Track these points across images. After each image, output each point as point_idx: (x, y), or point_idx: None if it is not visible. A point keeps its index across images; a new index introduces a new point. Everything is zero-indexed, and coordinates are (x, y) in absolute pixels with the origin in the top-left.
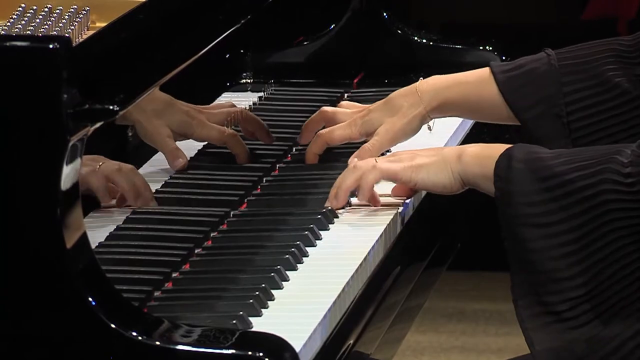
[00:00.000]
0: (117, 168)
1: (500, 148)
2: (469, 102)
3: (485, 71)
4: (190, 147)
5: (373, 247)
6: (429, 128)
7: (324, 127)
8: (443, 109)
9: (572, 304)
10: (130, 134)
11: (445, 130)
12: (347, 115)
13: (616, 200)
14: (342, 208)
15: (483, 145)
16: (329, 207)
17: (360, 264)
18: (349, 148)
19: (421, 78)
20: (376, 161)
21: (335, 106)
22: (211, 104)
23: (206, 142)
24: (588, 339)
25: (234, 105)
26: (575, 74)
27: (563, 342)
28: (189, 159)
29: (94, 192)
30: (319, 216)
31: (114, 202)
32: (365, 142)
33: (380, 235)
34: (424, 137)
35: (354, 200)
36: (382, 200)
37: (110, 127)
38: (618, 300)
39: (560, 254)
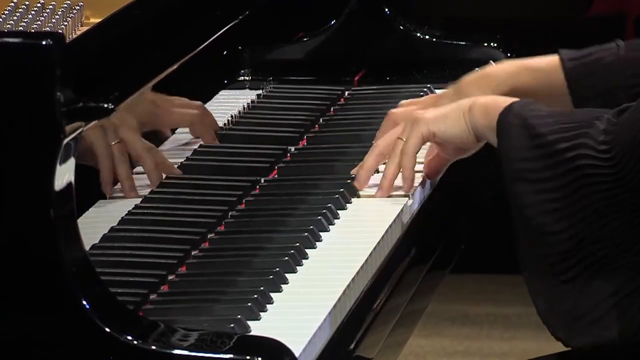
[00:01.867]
0: (148, 147)
1: (505, 101)
2: (538, 89)
3: (555, 58)
4: (188, 147)
5: (374, 249)
6: None
7: None
8: (512, 94)
9: (561, 257)
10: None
11: None
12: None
13: (591, 165)
14: (344, 208)
15: (491, 97)
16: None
17: (362, 266)
18: (350, 148)
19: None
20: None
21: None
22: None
23: (204, 142)
24: (575, 295)
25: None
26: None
27: (555, 294)
28: (185, 158)
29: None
30: (319, 217)
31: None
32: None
33: (382, 237)
34: None
35: (354, 199)
36: (383, 201)
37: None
38: (600, 257)
39: (549, 209)
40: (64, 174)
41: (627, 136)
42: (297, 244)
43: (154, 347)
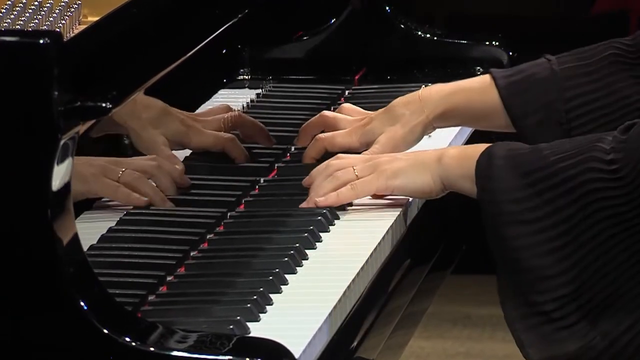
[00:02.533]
0: (155, 165)
1: (480, 148)
2: (473, 108)
3: (487, 77)
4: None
5: (375, 249)
6: (428, 135)
7: (322, 131)
8: (447, 116)
9: (559, 304)
10: (126, 142)
11: (446, 136)
12: (347, 122)
13: (601, 189)
14: (343, 209)
15: (464, 146)
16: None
17: (362, 267)
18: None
19: (424, 85)
20: (355, 171)
21: (336, 104)
22: (206, 110)
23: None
24: (579, 340)
25: (230, 108)
26: (577, 78)
27: (554, 343)
28: (184, 158)
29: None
30: (319, 217)
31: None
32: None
33: (383, 237)
34: (423, 143)
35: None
36: (384, 201)
37: (104, 136)
38: (606, 295)
39: (546, 250)
40: (62, 174)
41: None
42: (297, 245)
43: (152, 349)
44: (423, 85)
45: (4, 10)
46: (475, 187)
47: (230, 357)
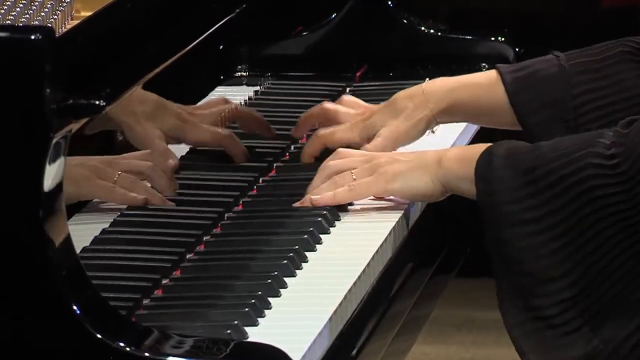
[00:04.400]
0: (150, 166)
1: (480, 148)
2: (479, 104)
3: (493, 72)
4: (182, 145)
5: (377, 251)
6: (432, 131)
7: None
8: (451, 111)
9: (561, 308)
10: (120, 138)
11: (450, 133)
12: (348, 116)
13: (602, 185)
14: (345, 210)
15: (464, 147)
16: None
17: (364, 270)
18: (351, 146)
19: (427, 79)
20: (353, 177)
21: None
22: (202, 103)
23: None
24: (582, 346)
25: (227, 101)
26: (586, 74)
27: (556, 350)
28: (180, 157)
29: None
30: (319, 219)
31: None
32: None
33: (385, 239)
34: (428, 140)
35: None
36: (385, 202)
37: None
38: (609, 299)
39: (547, 252)
40: (54, 174)
41: None
42: (297, 247)
43: (147, 354)
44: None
45: None
46: (474, 189)
47: None
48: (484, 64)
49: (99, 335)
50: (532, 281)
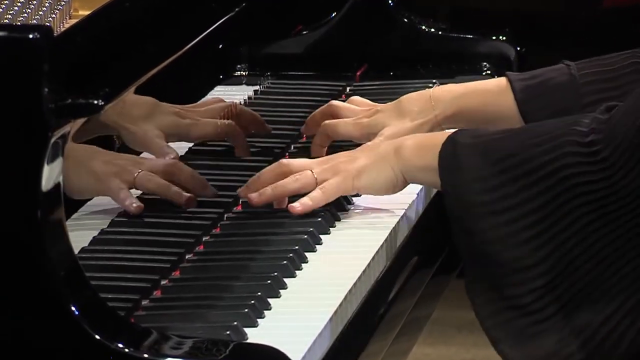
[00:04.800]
0: (172, 164)
1: (441, 136)
2: (487, 111)
3: (503, 80)
4: (181, 145)
5: (377, 252)
6: None
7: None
8: (458, 118)
9: (537, 295)
10: (117, 146)
11: None
12: (354, 112)
13: (580, 173)
14: (344, 210)
15: (422, 135)
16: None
17: (364, 271)
18: (352, 146)
19: (427, 79)
20: (314, 175)
21: (337, 99)
22: (199, 102)
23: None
24: (555, 334)
25: (222, 101)
26: (596, 83)
27: (528, 339)
28: (179, 157)
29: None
30: (320, 219)
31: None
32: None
33: (385, 240)
34: None
35: (355, 199)
36: (386, 202)
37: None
38: (584, 285)
39: (521, 240)
40: (52, 174)
41: (623, 128)
42: (296, 247)
43: (146, 356)
44: (428, 83)
45: None
46: (438, 179)
47: None
48: (484, 63)
49: (97, 336)
50: (505, 271)
